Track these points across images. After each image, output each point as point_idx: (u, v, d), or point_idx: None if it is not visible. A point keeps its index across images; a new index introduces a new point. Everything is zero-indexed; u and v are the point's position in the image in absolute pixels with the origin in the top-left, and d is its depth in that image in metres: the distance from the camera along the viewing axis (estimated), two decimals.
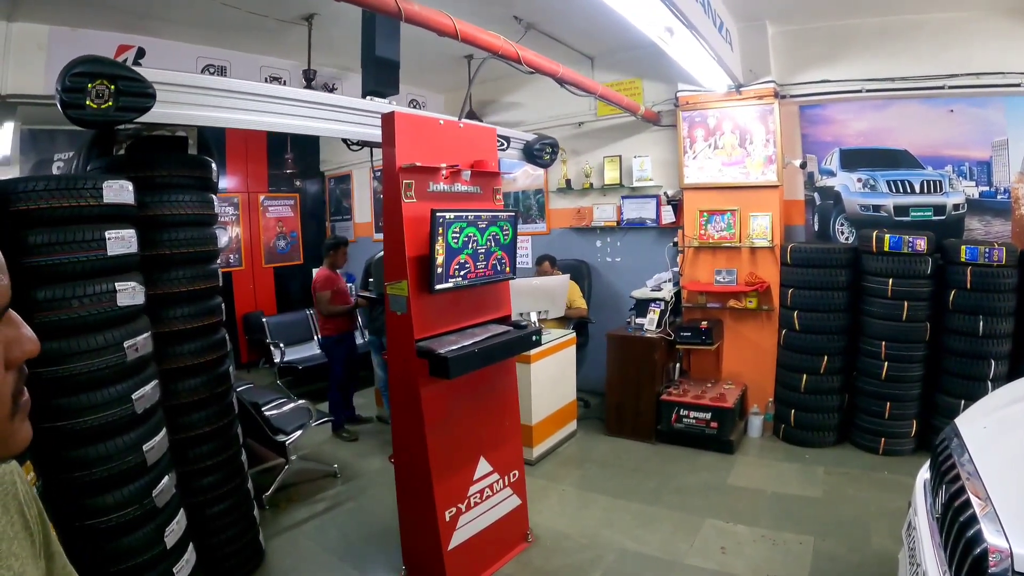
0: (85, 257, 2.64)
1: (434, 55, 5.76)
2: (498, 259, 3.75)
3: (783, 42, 5.79)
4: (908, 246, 5.07)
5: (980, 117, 5.29)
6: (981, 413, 2.77)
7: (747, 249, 6.04)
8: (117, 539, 2.69)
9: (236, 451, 3.75)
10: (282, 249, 9.63)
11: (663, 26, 3.90)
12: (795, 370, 5.61)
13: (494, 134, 4.12)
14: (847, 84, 5.62)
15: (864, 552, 3.81)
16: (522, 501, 4.09)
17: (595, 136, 7.17)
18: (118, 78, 2.62)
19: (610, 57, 6.77)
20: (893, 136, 5.63)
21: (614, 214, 7.09)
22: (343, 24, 4.73)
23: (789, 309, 5.64)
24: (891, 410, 5.22)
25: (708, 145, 6.11)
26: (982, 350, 4.95)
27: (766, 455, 5.51)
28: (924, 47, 5.30)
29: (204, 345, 3.48)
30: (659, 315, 6.00)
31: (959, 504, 2.08)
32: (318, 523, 4.50)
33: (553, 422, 5.66)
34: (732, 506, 4.51)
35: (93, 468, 2.62)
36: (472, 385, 3.64)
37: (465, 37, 3.72)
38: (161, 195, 3.26)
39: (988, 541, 1.84)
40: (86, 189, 2.67)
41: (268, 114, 3.39)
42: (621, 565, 3.83)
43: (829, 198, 5.95)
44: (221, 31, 5.47)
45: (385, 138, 3.36)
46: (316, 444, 5.98)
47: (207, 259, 3.54)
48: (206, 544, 3.43)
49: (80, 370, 2.60)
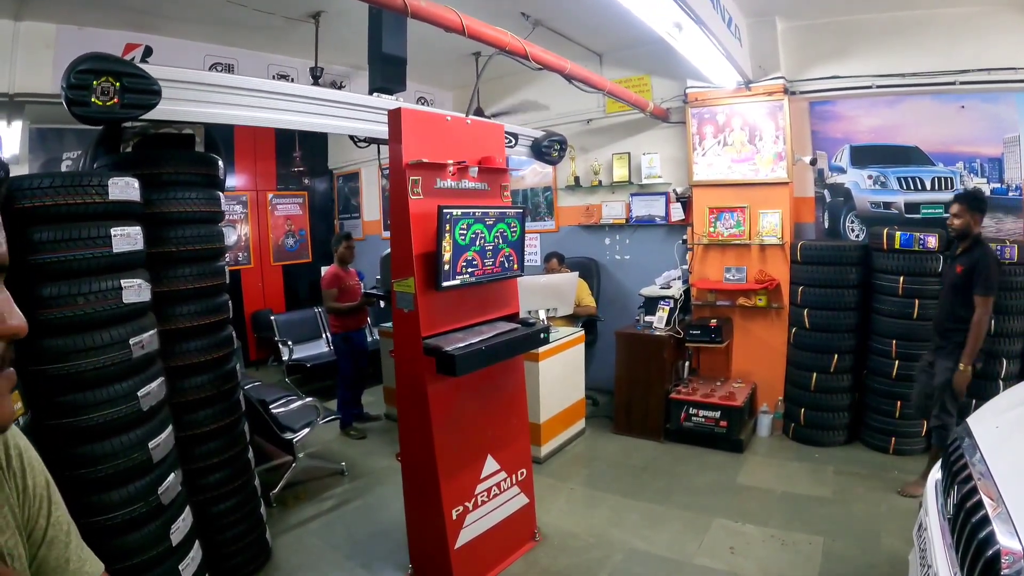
0: (91, 254, 2.64)
1: (441, 52, 5.74)
2: (506, 256, 3.74)
3: (793, 38, 5.75)
4: (919, 243, 5.02)
5: (992, 113, 5.24)
6: (993, 413, 2.74)
7: (757, 246, 6.00)
8: (123, 536, 2.69)
9: (243, 449, 3.75)
10: (291, 247, 9.65)
11: (671, 21, 3.87)
12: (805, 368, 5.58)
13: (501, 130, 4.10)
14: (857, 80, 5.57)
15: (874, 553, 3.77)
16: (530, 500, 4.07)
17: (604, 133, 7.14)
18: (123, 75, 2.63)
19: (618, 53, 6.73)
20: (904, 132, 5.58)
21: (623, 211, 7.06)
22: (350, 21, 4.73)
23: (799, 307, 5.61)
24: (902, 409, 5.16)
25: (717, 142, 6.07)
26: (994, 349, 4.89)
27: (776, 454, 5.48)
28: (935, 42, 5.25)
29: (210, 342, 3.48)
30: (668, 313, 5.97)
31: (971, 505, 2.05)
32: (325, 521, 4.50)
33: (561, 420, 5.64)
34: (741, 506, 4.48)
35: (99, 465, 2.62)
36: (480, 383, 3.62)
37: (472, 33, 3.70)
38: (167, 192, 3.26)
39: (1000, 543, 1.81)
40: (92, 186, 2.66)
41: (275, 111, 3.40)
42: (629, 565, 3.81)
43: (839, 195, 5.91)
44: (228, 29, 5.47)
45: (392, 134, 3.34)
46: (324, 442, 5.98)
47: (214, 256, 3.54)
48: (212, 541, 3.44)
49: (86, 367, 2.60)
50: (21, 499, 0.97)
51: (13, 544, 0.92)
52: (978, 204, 4.32)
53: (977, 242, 4.31)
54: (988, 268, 4.19)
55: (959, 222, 4.28)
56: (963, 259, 4.30)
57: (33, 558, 0.98)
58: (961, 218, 4.27)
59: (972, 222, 4.27)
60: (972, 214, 4.26)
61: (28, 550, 0.97)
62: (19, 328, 0.79)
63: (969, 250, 4.30)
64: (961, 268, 4.28)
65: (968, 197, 4.34)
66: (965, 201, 4.29)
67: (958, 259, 4.36)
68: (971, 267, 4.21)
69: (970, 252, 4.29)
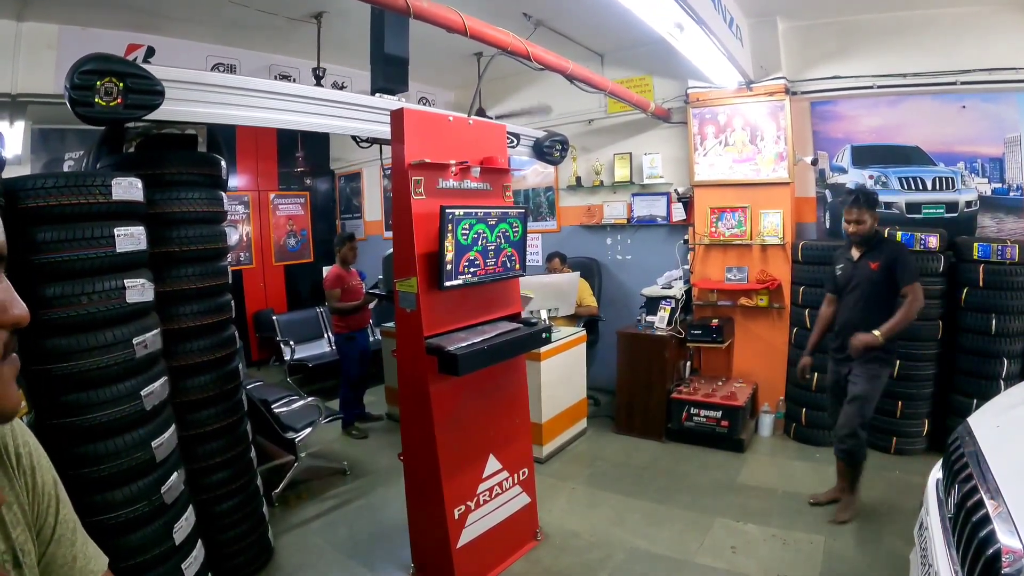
0: (94, 254, 2.64)
1: (443, 53, 5.74)
2: (508, 256, 3.74)
3: (794, 38, 5.76)
4: (920, 243, 5.02)
5: (993, 113, 5.24)
6: (994, 412, 2.74)
7: (758, 246, 6.00)
8: (126, 535, 2.70)
9: (245, 448, 3.75)
10: (292, 247, 9.66)
11: (673, 22, 3.88)
12: None
13: (503, 131, 4.11)
14: (858, 80, 5.57)
15: (875, 552, 3.78)
16: (531, 499, 4.08)
17: (605, 133, 7.15)
18: (127, 75, 2.64)
19: (620, 54, 6.74)
20: (905, 132, 5.58)
21: (624, 211, 7.06)
22: (352, 22, 4.74)
23: (800, 307, 5.61)
24: (902, 409, 5.17)
25: (719, 142, 6.08)
26: (994, 348, 4.91)
27: (777, 454, 5.49)
28: (936, 42, 5.25)
29: (213, 342, 3.49)
30: (670, 313, 5.98)
31: (972, 504, 2.06)
32: (327, 520, 4.50)
33: (563, 420, 5.65)
34: (743, 505, 4.48)
35: (102, 464, 2.63)
36: (482, 382, 3.63)
37: (474, 33, 3.71)
38: (170, 192, 3.26)
39: (1001, 541, 1.82)
40: (95, 186, 2.67)
41: (277, 111, 3.41)
42: (631, 564, 3.81)
43: (840, 195, 5.90)
44: (230, 29, 5.48)
45: (394, 134, 3.35)
46: (326, 442, 5.99)
47: (216, 256, 3.55)
48: (215, 541, 3.44)
49: (89, 366, 2.61)
50: (31, 497, 0.98)
51: (24, 540, 0.93)
52: (874, 202, 4.24)
53: (883, 237, 4.32)
54: (906, 256, 4.15)
55: (866, 226, 4.18)
56: (874, 256, 4.20)
57: (42, 556, 0.99)
58: (865, 222, 4.17)
59: (874, 220, 4.20)
60: (873, 213, 4.19)
61: (37, 548, 0.98)
62: (21, 317, 0.80)
63: (878, 246, 4.24)
64: (877, 264, 4.16)
65: (866, 199, 4.21)
66: (866, 204, 4.18)
67: (867, 256, 4.24)
68: (889, 262, 4.12)
69: (880, 248, 4.22)
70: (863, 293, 4.26)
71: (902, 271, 4.07)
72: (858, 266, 4.29)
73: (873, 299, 4.20)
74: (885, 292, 4.16)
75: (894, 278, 4.09)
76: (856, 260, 4.31)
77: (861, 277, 4.27)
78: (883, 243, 4.27)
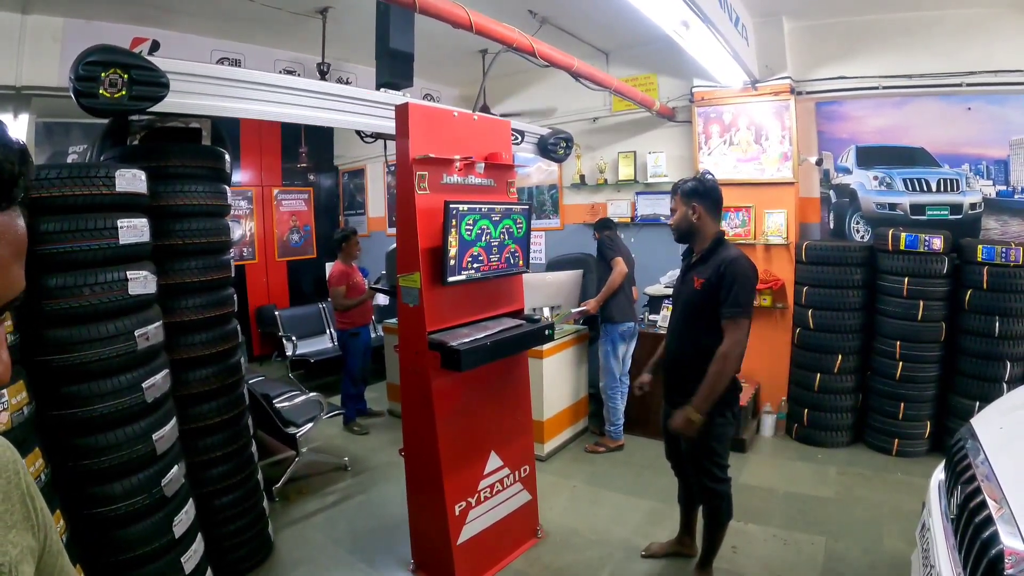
0: (97, 245, 2.64)
1: (448, 49, 5.74)
2: (512, 252, 3.74)
3: (800, 38, 5.74)
4: (924, 245, 5.01)
5: (998, 115, 5.22)
6: (998, 414, 2.74)
7: (762, 246, 5.99)
8: (125, 527, 2.69)
9: (246, 442, 3.76)
10: (295, 243, 9.66)
11: (679, 20, 3.87)
12: (809, 369, 5.57)
13: (508, 127, 4.10)
14: (864, 81, 5.56)
15: (876, 553, 3.77)
16: (532, 496, 4.08)
17: (610, 132, 7.14)
18: (131, 67, 2.64)
19: (625, 52, 6.72)
20: (910, 134, 5.57)
21: (628, 210, 7.06)
22: (357, 17, 4.74)
23: (803, 307, 5.60)
24: (905, 411, 5.17)
25: (723, 141, 6.07)
26: (998, 351, 4.89)
27: (778, 454, 5.48)
28: (942, 44, 5.24)
29: (215, 336, 3.49)
30: None
31: (974, 505, 2.05)
32: (327, 516, 4.51)
33: (564, 418, 5.65)
34: (744, 505, 4.45)
35: (102, 456, 2.62)
36: (484, 379, 3.63)
37: (480, 29, 3.70)
38: (174, 185, 3.27)
39: (1004, 543, 1.81)
40: (99, 177, 2.66)
41: (282, 105, 3.41)
42: (631, 562, 3.81)
43: (845, 196, 5.90)
44: (235, 24, 5.48)
45: (399, 130, 3.35)
46: (327, 437, 5.99)
47: (219, 250, 3.55)
48: (214, 535, 3.44)
49: (91, 358, 2.60)
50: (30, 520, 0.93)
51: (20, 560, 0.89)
52: (697, 191, 3.24)
53: (719, 243, 3.23)
54: (738, 275, 3.05)
55: (675, 217, 3.30)
56: (701, 269, 3.21)
57: None
58: (676, 211, 3.30)
59: (693, 214, 3.23)
60: (691, 203, 3.23)
61: None
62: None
63: (708, 256, 3.22)
64: (701, 281, 3.16)
65: (683, 186, 3.29)
66: (676, 190, 3.30)
67: (696, 268, 3.25)
68: (714, 279, 3.09)
69: (708, 259, 3.20)
70: (683, 316, 3.37)
71: (726, 294, 3.05)
72: (685, 279, 3.37)
73: (692, 327, 3.27)
74: (707, 320, 3.15)
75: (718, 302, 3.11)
76: (685, 270, 3.40)
77: (685, 295, 3.34)
78: (717, 253, 3.19)
